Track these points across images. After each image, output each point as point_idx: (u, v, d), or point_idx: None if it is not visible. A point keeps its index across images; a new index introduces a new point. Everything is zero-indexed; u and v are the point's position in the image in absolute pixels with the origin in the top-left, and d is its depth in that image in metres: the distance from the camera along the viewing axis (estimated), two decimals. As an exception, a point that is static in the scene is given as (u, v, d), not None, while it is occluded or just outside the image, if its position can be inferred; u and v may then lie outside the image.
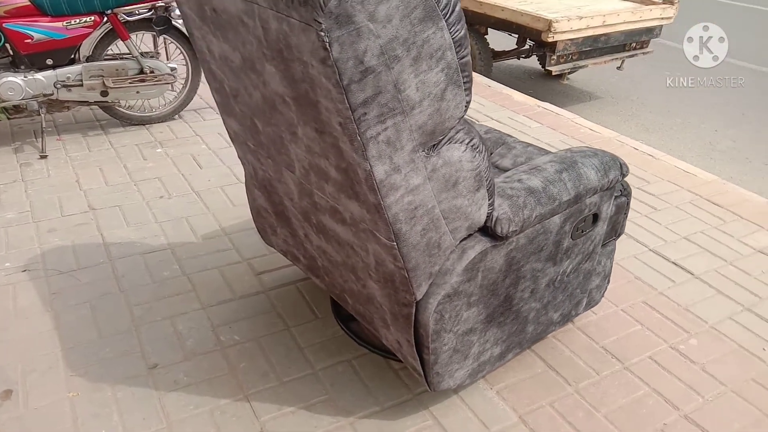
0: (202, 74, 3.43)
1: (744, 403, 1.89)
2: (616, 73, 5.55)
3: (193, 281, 2.30)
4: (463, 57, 1.26)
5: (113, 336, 2.02)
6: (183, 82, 3.59)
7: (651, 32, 5.15)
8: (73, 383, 1.84)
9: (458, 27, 1.22)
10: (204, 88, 3.79)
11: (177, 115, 3.68)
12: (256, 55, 1.38)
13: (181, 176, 3.05)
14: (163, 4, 3.22)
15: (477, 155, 1.39)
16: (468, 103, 1.32)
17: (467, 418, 1.79)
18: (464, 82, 1.28)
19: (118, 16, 3.16)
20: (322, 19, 1.08)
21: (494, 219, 1.50)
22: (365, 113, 1.20)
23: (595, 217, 1.79)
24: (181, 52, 3.49)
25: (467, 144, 1.37)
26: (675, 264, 2.55)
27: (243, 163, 2.00)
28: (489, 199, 1.48)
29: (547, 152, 1.97)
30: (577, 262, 1.84)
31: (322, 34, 1.10)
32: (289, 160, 1.60)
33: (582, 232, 1.77)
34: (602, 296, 2.12)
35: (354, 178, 1.34)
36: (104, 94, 3.28)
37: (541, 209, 1.58)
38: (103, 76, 3.23)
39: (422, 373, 1.63)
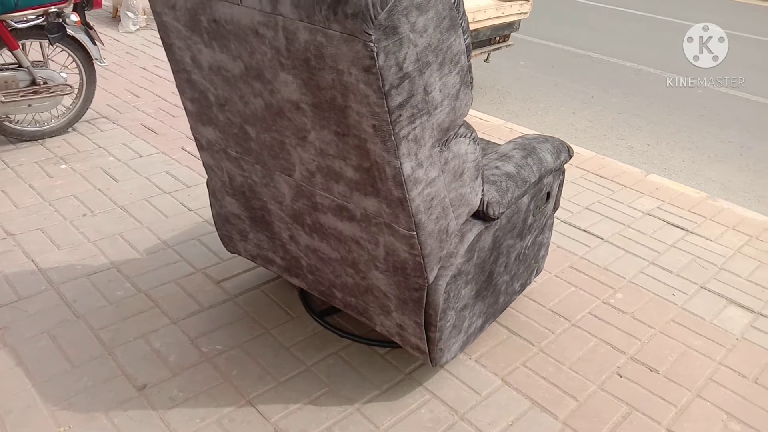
0: (96, 83, 3.27)
1: (671, 340, 2.25)
2: (481, 66, 6.00)
3: (152, 297, 2.23)
4: (469, 60, 1.41)
5: (87, 363, 1.93)
6: (76, 93, 3.37)
7: (512, 26, 5.65)
8: (60, 417, 1.74)
9: (467, 34, 1.37)
10: (96, 98, 3.58)
11: (71, 128, 3.44)
12: (269, 64, 1.42)
13: (98, 191, 2.89)
14: (55, 9, 3.00)
15: (477, 147, 1.55)
16: (472, 101, 1.48)
17: (458, 387, 1.96)
18: (471, 83, 1.44)
19: (5, 23, 2.90)
20: (372, 31, 1.18)
21: (486, 203, 1.67)
22: (400, 115, 1.31)
23: (548, 195, 2.04)
24: (74, 60, 3.27)
25: (470, 138, 1.53)
26: (586, 231, 2.91)
27: (211, 172, 1.99)
28: (482, 186, 1.65)
29: (494, 144, 2.18)
30: (534, 235, 2.07)
31: (371, 44, 1.19)
32: (287, 164, 1.65)
33: (539, 208, 2.01)
34: (544, 265, 2.39)
35: (378, 176, 1.44)
36: (-8, 109, 2.99)
37: (518, 191, 1.78)
38: (-10, 90, 2.95)
39: (426, 350, 1.77)
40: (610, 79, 6.23)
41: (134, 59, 4.81)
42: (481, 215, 1.69)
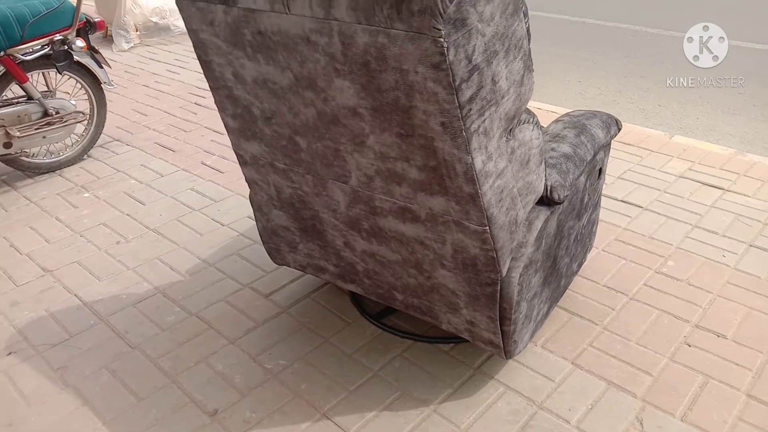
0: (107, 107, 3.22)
1: (731, 303, 2.21)
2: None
3: (204, 319, 2.19)
4: (529, 44, 1.36)
5: (153, 395, 1.89)
6: (88, 119, 3.31)
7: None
8: (138, 453, 1.71)
9: (527, 17, 1.32)
10: (108, 122, 3.52)
11: (86, 155, 3.38)
12: (322, 72, 1.37)
13: (127, 217, 2.84)
14: (60, 37, 2.93)
15: (540, 132, 1.51)
16: (533, 85, 1.43)
17: (531, 376, 1.93)
18: (532, 66, 1.39)
19: (13, 57, 2.83)
20: (441, 26, 1.13)
21: (549, 188, 1.63)
22: (470, 109, 1.26)
23: (600, 171, 1.99)
24: (83, 86, 3.20)
25: (533, 123, 1.48)
26: (624, 201, 2.87)
27: (256, 187, 1.94)
28: (545, 171, 1.60)
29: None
30: (589, 213, 2.03)
31: (441, 39, 1.14)
32: (342, 171, 1.60)
33: (593, 186, 1.97)
34: (594, 241, 2.35)
35: (446, 174, 1.39)
36: (7, 145, 2.94)
37: (577, 171, 1.73)
38: (4, 126, 2.89)
39: (501, 344, 1.74)
40: (609, 44, 6.16)
41: (134, 77, 4.74)
42: (545, 201, 1.65)
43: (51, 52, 2.93)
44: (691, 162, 3.21)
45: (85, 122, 3.30)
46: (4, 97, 2.96)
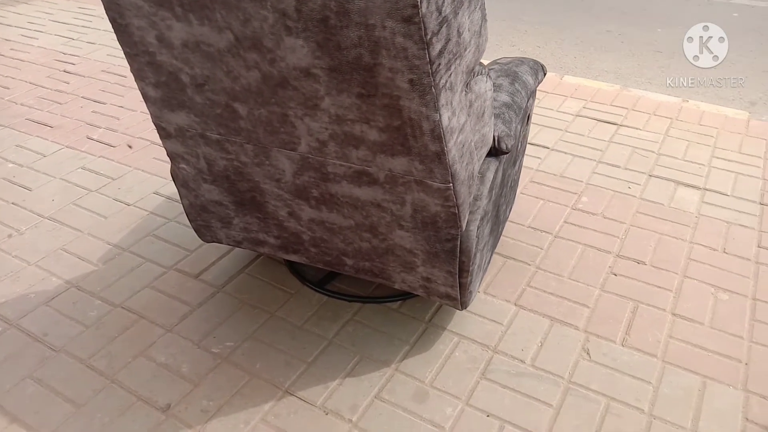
0: None
1: (644, 231, 2.39)
2: None
3: (132, 309, 2.02)
4: (482, -8, 1.33)
5: (93, 399, 1.73)
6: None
7: None
8: (91, 464, 1.56)
9: (482, -36, 1.28)
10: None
11: (-57, 139, 2.94)
12: (269, 30, 1.26)
13: (14, 206, 2.53)
14: None
15: (491, 83, 1.50)
16: (487, 35, 1.40)
17: (480, 322, 1.98)
18: (486, 16, 1.36)
19: None
20: (415, -23, 1.06)
21: (497, 138, 1.64)
22: (440, 64, 1.22)
23: (528, 117, 2.03)
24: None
25: (486, 75, 1.46)
26: (531, 144, 2.98)
27: (181, 161, 1.78)
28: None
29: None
30: (520, 159, 2.08)
31: (415, -8, 1.08)
32: (290, 138, 1.50)
33: (524, 132, 2.01)
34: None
35: (410, 133, 1.34)
36: None
37: (516, 119, 1.75)
38: None
39: (458, 296, 1.75)
40: (485, -12, 6.28)
41: (-19, 45, 4.15)
42: (493, 152, 1.66)
43: None
44: (584, 100, 3.39)
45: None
46: None
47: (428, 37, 1.15)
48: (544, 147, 2.95)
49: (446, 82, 1.26)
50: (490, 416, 1.69)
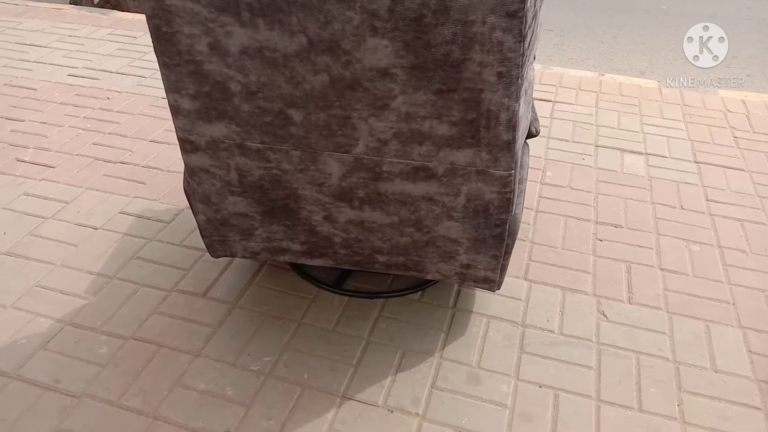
0: None
1: (610, 197, 2.60)
2: None
3: (147, 339, 1.88)
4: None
5: (141, 440, 1.60)
6: None
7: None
8: None
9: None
10: None
11: None
12: (352, 32, 1.24)
13: (-46, 245, 2.22)
14: None
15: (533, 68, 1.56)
16: (535, 25, 1.46)
17: (501, 300, 2.06)
18: (538, 6, 1.42)
19: None
20: (527, -27, 1.09)
21: (530, 123, 1.71)
22: (527, 55, 1.26)
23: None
24: None
25: (533, 61, 1.52)
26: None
27: (205, 175, 1.67)
28: (526, 107, 1.67)
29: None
30: (514, 141, 2.18)
31: (525, -13, 1.11)
32: (347, 140, 1.48)
33: (518, 115, 2.10)
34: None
35: (483, 125, 1.38)
36: None
37: (532, 103, 1.84)
38: None
39: (496, 279, 1.82)
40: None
41: None
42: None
43: None
44: (516, 81, 3.56)
45: None
46: None
47: (525, 30, 1.19)
48: (497, 128, 3.08)
49: (527, 72, 1.30)
50: (543, 387, 1.78)
